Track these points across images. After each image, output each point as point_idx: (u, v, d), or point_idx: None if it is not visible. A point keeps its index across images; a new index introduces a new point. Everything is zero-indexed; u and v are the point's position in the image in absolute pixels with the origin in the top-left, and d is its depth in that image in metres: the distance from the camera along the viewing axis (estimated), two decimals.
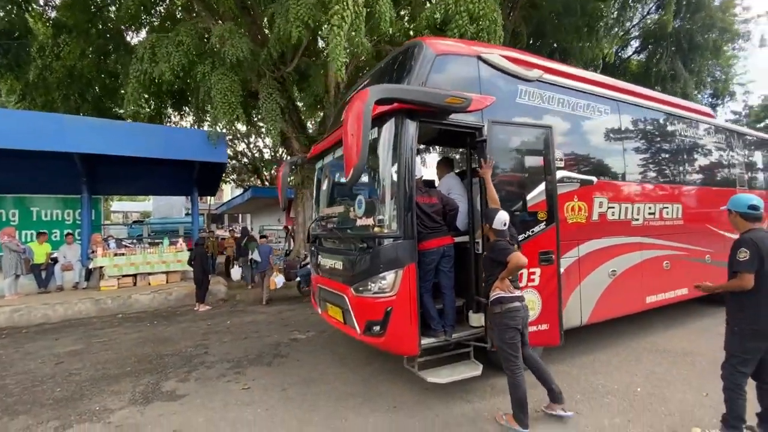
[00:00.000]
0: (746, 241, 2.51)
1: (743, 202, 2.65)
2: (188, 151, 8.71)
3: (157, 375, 4.22)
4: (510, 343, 2.84)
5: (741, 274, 2.47)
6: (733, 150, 6.49)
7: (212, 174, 10.79)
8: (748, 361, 2.52)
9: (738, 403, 2.51)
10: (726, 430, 2.53)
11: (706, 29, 15.47)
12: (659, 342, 4.75)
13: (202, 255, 7.94)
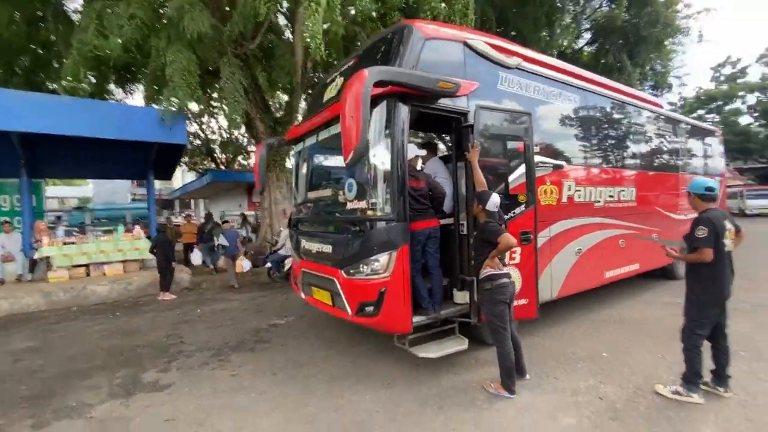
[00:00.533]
0: (704, 220, 2.83)
1: (701, 185, 2.97)
2: (145, 132, 8.10)
3: (133, 367, 4.03)
4: (500, 316, 3.03)
5: (701, 249, 2.79)
6: (678, 138, 7.15)
7: (170, 156, 10.14)
8: (704, 325, 2.88)
9: (696, 362, 2.87)
10: (686, 385, 2.89)
11: (651, 24, 16.56)
12: (614, 313, 5.24)
13: (165, 242, 7.55)
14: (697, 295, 2.90)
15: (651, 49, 18.00)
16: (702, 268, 2.85)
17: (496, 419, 2.73)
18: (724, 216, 2.94)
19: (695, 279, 2.93)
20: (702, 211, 2.92)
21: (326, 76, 4.82)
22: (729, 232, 2.86)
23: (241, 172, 15.87)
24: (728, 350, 2.96)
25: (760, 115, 29.40)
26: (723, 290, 2.86)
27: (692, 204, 3.02)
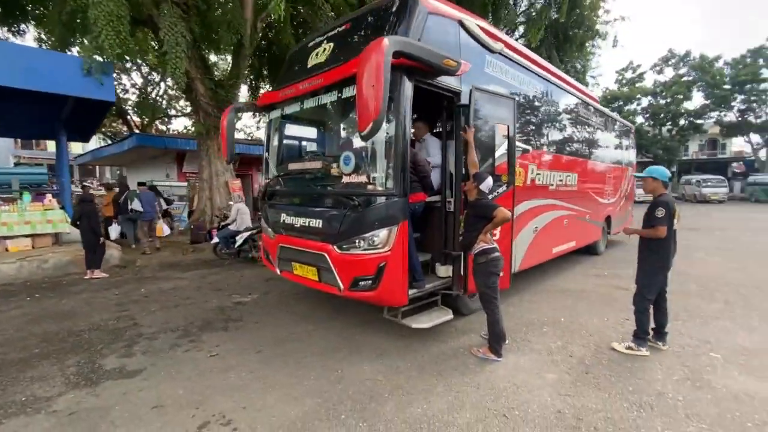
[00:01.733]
0: (662, 203, 3.31)
1: (665, 173, 3.45)
2: (61, 83, 6.83)
3: (83, 354, 3.57)
4: (492, 287, 3.27)
5: (658, 226, 3.27)
6: (609, 132, 8.11)
7: (89, 115, 8.71)
8: (653, 290, 3.42)
9: (644, 321, 3.42)
10: (636, 341, 3.43)
11: (577, 25, 18.18)
12: (558, 284, 5.92)
13: (92, 213, 6.60)
14: (649, 264, 3.42)
15: (575, 49, 19.77)
16: (655, 242, 3.35)
17: (491, 380, 2.99)
18: (673, 200, 3.47)
19: (648, 251, 3.43)
20: (659, 195, 3.41)
21: (306, 40, 4.53)
22: (677, 214, 3.40)
23: (172, 137, 14.25)
24: (667, 312, 3.57)
25: (650, 116, 34.33)
26: (669, 261, 3.41)
27: (653, 188, 3.47)
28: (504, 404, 2.64)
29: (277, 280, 6.16)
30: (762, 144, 32.33)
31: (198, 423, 2.47)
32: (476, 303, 4.45)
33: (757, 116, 31.02)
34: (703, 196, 24.80)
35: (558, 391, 2.80)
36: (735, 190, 30.12)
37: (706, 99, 32.01)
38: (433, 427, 2.40)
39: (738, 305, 4.71)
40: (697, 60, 31.61)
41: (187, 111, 33.00)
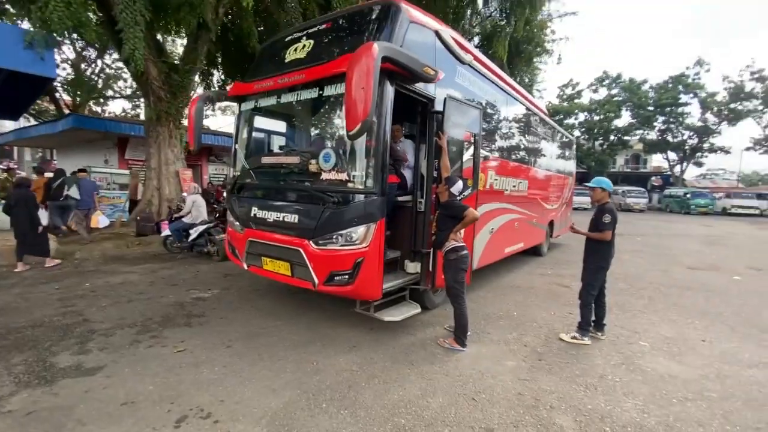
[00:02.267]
0: (610, 209, 3.76)
1: (610, 184, 3.91)
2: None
3: (30, 352, 3.31)
4: (461, 282, 3.53)
5: (605, 231, 3.72)
6: (555, 143, 8.84)
7: (22, 91, 7.81)
8: (596, 287, 3.88)
9: (587, 314, 3.86)
10: (580, 332, 3.87)
11: (527, 41, 19.43)
12: (509, 281, 6.40)
13: (29, 200, 6.00)
14: (594, 263, 3.87)
15: (524, 63, 21.13)
16: (600, 244, 3.81)
17: (458, 367, 3.23)
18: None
19: (594, 252, 3.87)
20: (605, 203, 3.86)
21: (282, 33, 4.49)
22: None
23: (115, 121, 13.10)
24: (605, 306, 4.06)
25: (585, 130, 37.52)
26: (609, 261, 3.89)
27: (600, 197, 3.92)
28: (471, 389, 2.89)
29: (237, 276, 6.03)
30: (677, 161, 36.69)
31: (175, 417, 2.43)
32: (439, 298, 4.74)
33: (674, 136, 35.15)
34: (627, 205, 27.59)
35: (517, 376, 3.11)
36: (653, 201, 33.85)
37: (633, 118, 35.67)
38: (410, 411, 2.58)
39: (659, 301, 5.43)
40: (627, 82, 35.10)
41: (127, 92, 30.54)
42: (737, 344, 3.96)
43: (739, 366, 3.45)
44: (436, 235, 3.70)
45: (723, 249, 10.75)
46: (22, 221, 5.84)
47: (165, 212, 9.66)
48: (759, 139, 33.34)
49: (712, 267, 8.03)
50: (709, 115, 33.22)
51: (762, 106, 31.32)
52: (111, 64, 28.14)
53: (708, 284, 6.48)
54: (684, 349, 3.80)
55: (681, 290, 6.05)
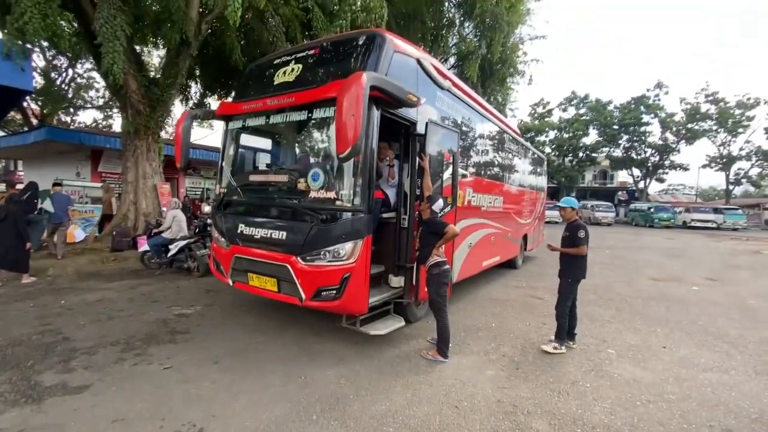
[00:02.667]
0: (583, 226, 4.06)
1: (575, 202, 4.23)
2: None
3: (13, 371, 3.25)
4: (443, 295, 3.72)
5: (581, 246, 4.00)
6: (527, 162, 9.31)
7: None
8: (570, 298, 4.14)
9: (564, 324, 4.11)
10: (558, 341, 4.09)
11: (501, 63, 20.35)
12: (486, 294, 6.66)
13: (19, 215, 6.11)
14: (570, 276, 4.13)
15: (497, 83, 22.05)
16: (576, 258, 4.08)
17: (441, 378, 3.40)
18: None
19: (570, 265, 4.14)
20: (575, 220, 4.16)
21: (270, 56, 4.66)
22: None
23: (90, 133, 12.75)
24: (577, 316, 4.33)
25: (556, 147, 39.18)
26: (584, 274, 4.16)
27: (569, 215, 4.22)
28: (454, 398, 3.06)
29: (219, 292, 6.02)
30: (641, 177, 38.74)
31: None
32: (422, 311, 4.91)
33: (638, 153, 37.23)
34: (596, 219, 28.84)
35: (497, 385, 3.30)
36: (620, 215, 35.51)
37: (600, 136, 37.61)
38: (397, 420, 2.71)
39: (625, 311, 5.79)
40: (594, 103, 37.07)
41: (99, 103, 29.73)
42: (694, 350, 4.31)
43: (695, 370, 3.77)
44: (420, 250, 3.89)
45: (683, 261, 11.47)
46: (8, 236, 5.83)
47: (142, 227, 9.48)
48: (714, 157, 35.73)
49: (673, 278, 8.59)
50: (668, 134, 35.45)
51: (716, 126, 33.71)
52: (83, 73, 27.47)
53: (669, 295, 6.94)
54: (647, 355, 4.11)
55: (645, 300, 6.47)
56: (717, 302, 6.50)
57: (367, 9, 7.69)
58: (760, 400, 3.19)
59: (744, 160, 34.70)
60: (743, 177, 36.29)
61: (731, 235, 22.59)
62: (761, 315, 5.74)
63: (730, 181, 36.31)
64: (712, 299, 6.71)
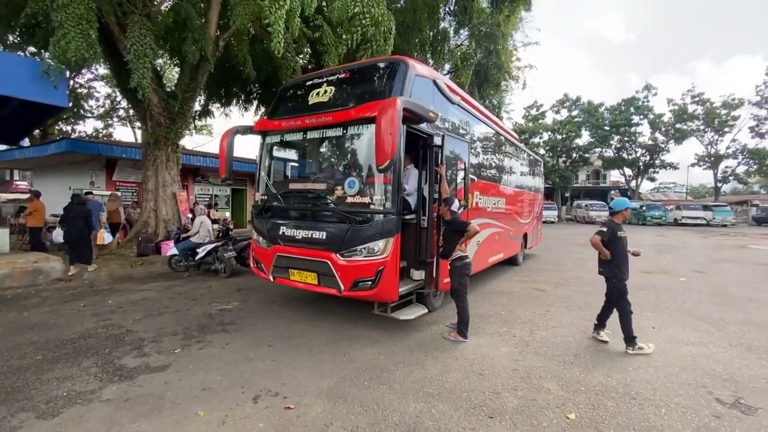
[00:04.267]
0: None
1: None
2: (12, 85, 6.47)
3: (95, 357, 3.77)
4: (464, 285, 4.32)
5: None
6: (526, 165, 9.96)
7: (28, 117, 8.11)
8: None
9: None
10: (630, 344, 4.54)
11: (495, 68, 21.11)
12: (493, 287, 7.26)
13: (88, 214, 7.52)
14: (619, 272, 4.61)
15: (492, 87, 22.80)
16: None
17: (464, 354, 3.98)
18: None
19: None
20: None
21: (300, 78, 5.25)
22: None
23: (107, 144, 13.24)
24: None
25: (550, 149, 40.09)
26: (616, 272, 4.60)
27: (625, 217, 4.67)
28: (477, 367, 3.64)
29: (250, 290, 6.57)
30: (633, 176, 39.72)
31: (251, 396, 3.03)
32: (438, 302, 5.51)
33: (629, 153, 38.20)
34: (590, 217, 29.69)
35: (511, 358, 3.90)
36: None
37: (592, 137, 38.55)
38: (435, 384, 3.29)
39: None
40: (586, 105, 38.03)
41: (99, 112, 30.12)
42: (679, 329, 4.94)
43: (678, 344, 4.40)
44: (443, 247, 4.48)
45: (672, 255, 12.18)
46: (78, 231, 7.06)
47: (162, 233, 9.99)
48: (702, 155, 36.82)
49: (663, 271, 9.26)
50: (658, 134, 36.46)
51: (703, 126, 34.80)
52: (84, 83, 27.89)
53: (658, 285, 7.59)
54: (639, 335, 4.69)
55: (636, 290, 7.08)
56: (702, 291, 7.16)
57: (376, 23, 8.30)
58: (731, 365, 3.81)
59: (731, 158, 35.83)
60: (731, 175, 37.41)
61: (720, 231, 23.47)
62: (739, 301, 6.40)
63: (718, 179, 37.40)
64: (698, 289, 7.36)
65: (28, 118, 8.13)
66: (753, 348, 4.29)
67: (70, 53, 6.64)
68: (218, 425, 2.64)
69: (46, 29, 7.16)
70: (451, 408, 2.92)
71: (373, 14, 8.23)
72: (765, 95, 32.93)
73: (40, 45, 7.77)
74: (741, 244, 16.08)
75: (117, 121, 31.28)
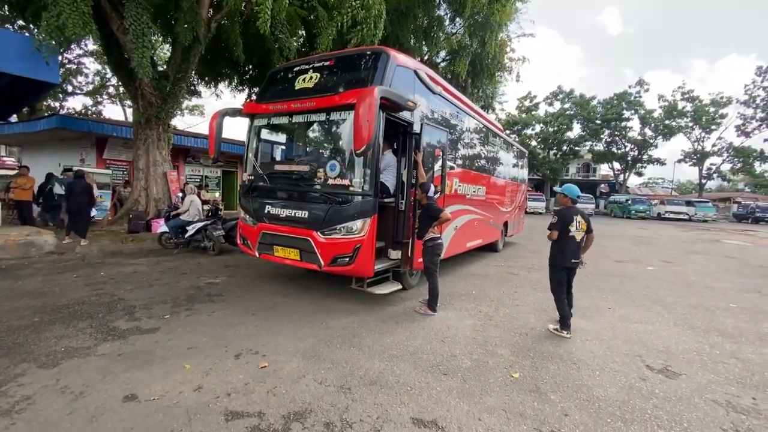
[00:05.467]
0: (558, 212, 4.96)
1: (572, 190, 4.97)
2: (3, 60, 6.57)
3: (89, 320, 4.08)
4: (435, 263, 4.68)
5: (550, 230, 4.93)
6: (509, 155, 10.30)
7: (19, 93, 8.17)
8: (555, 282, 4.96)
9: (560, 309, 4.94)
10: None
11: (488, 58, 21.25)
12: (470, 270, 7.67)
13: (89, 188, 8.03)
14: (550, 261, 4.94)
15: (486, 78, 22.96)
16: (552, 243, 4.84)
17: (431, 324, 4.36)
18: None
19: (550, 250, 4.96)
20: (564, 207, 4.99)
21: (288, 63, 5.46)
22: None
23: (98, 122, 13.24)
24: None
25: (541, 141, 40.48)
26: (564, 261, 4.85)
27: (563, 202, 4.89)
28: (440, 335, 4.03)
29: (237, 267, 6.89)
30: (621, 170, 40.39)
31: (233, 354, 3.37)
32: (414, 280, 5.87)
33: (618, 148, 38.76)
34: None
35: (473, 329, 4.29)
36: (601, 206, 37.15)
37: (583, 130, 38.97)
38: (400, 348, 3.66)
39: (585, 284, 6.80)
40: (578, 98, 38.33)
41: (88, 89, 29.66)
42: (632, 310, 5.38)
43: (628, 322, 4.83)
44: (419, 229, 4.81)
45: (648, 247, 12.72)
46: (79, 204, 7.54)
47: (153, 211, 10.20)
48: (689, 152, 37.53)
49: (634, 260, 9.76)
50: (647, 129, 37.01)
51: (691, 123, 35.39)
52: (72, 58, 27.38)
53: (626, 272, 8.07)
54: (594, 313, 5.16)
55: (604, 277, 7.57)
56: (665, 279, 7.64)
57: (366, 7, 8.44)
58: (670, 340, 4.25)
59: (716, 155, 36.59)
60: (714, 172, 38.24)
61: (700, 227, 24.24)
62: (696, 288, 6.89)
63: (702, 176, 38.24)
64: (662, 277, 7.85)
65: (19, 95, 8.19)
66: (694, 327, 4.74)
67: (68, 31, 6.73)
68: (203, 376, 2.98)
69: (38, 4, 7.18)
70: (411, 366, 3.30)
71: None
72: (753, 94, 33.57)
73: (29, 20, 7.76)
74: (715, 238, 16.74)
75: (107, 98, 30.86)
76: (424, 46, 18.36)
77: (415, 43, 17.70)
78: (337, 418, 2.52)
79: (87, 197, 7.83)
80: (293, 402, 2.68)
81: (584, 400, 2.90)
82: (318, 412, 2.57)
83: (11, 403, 2.54)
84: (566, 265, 4.28)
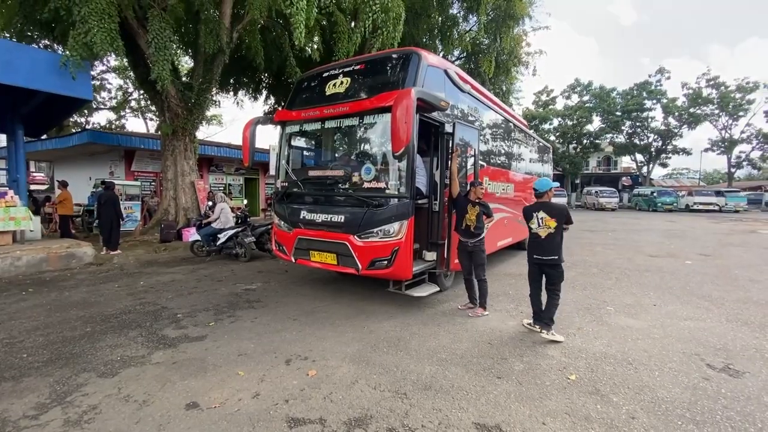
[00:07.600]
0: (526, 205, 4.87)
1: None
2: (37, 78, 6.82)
3: (138, 329, 4.17)
4: (485, 261, 4.62)
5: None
6: (535, 151, 10.11)
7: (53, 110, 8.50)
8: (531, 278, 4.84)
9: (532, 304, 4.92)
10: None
11: (504, 53, 20.98)
12: (503, 270, 7.55)
13: (116, 200, 8.15)
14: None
15: (502, 73, 22.66)
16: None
17: (474, 326, 4.30)
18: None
19: None
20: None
21: (318, 69, 5.49)
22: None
23: (126, 135, 13.67)
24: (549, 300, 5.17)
25: (560, 135, 39.71)
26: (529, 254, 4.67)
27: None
28: (486, 337, 3.96)
29: (270, 272, 6.96)
30: (644, 162, 39.24)
31: (283, 360, 3.39)
32: (449, 282, 5.80)
33: (641, 139, 37.67)
34: (600, 204, 29.59)
35: (518, 330, 4.21)
36: (624, 200, 36.15)
37: (603, 123, 38.04)
38: (447, 351, 3.62)
39: (624, 281, 6.66)
40: (597, 90, 37.45)
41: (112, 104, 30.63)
42: (679, 306, 5.18)
43: (677, 319, 4.65)
44: (476, 227, 4.71)
45: (681, 240, 12.28)
46: (106, 216, 7.71)
47: (182, 220, 10.42)
48: (716, 140, 36.18)
49: (669, 254, 9.43)
50: (671, 119, 35.86)
51: (717, 110, 34.12)
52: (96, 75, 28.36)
53: (664, 268, 7.79)
54: (639, 311, 4.99)
55: (641, 272, 7.34)
56: (706, 273, 7.35)
57: (385, 9, 8.44)
58: (725, 337, 4.07)
59: (745, 143, 35.17)
60: (744, 160, 36.75)
61: (732, 217, 23.30)
62: (741, 282, 6.60)
63: (731, 165, 36.80)
64: (702, 271, 7.56)
65: (53, 112, 8.50)
66: (748, 323, 4.53)
67: (96, 47, 6.95)
68: (258, 382, 3.00)
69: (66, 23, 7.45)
70: (462, 370, 3.25)
71: (382, 0, 8.37)
72: None
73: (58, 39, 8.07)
74: (751, 229, 16.05)
75: (129, 112, 31.81)
76: (438, 44, 18.27)
77: (429, 42, 17.64)
78: (399, 423, 2.49)
79: (113, 208, 7.97)
80: (352, 408, 2.66)
81: (649, 402, 2.79)
82: (378, 418, 2.54)
83: (79, 413, 2.60)
84: (533, 261, 4.21)
